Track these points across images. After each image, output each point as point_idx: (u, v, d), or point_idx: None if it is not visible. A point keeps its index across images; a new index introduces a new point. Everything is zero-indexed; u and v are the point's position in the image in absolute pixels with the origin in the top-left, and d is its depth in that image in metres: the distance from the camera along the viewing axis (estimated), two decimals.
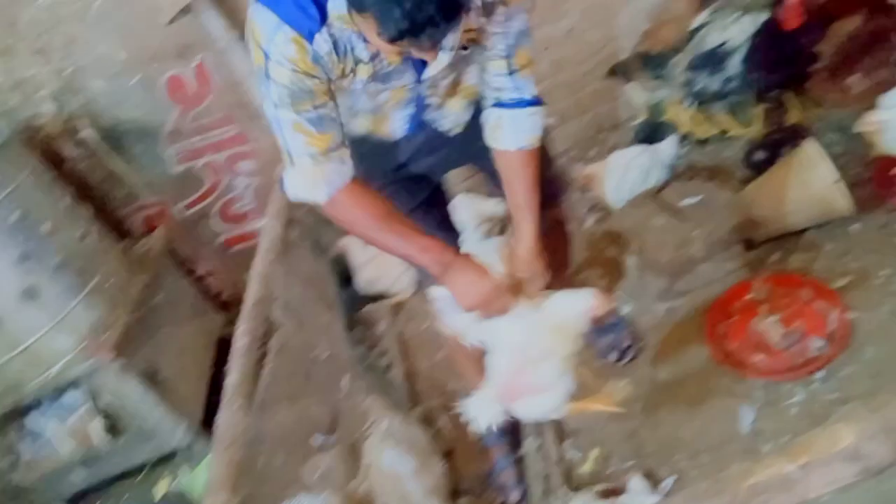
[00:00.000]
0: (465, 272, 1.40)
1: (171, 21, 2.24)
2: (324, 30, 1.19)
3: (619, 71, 2.67)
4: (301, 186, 1.35)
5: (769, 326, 1.93)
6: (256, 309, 1.94)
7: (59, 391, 2.30)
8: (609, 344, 2.06)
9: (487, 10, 1.27)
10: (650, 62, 2.56)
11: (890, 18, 2.09)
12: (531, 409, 1.54)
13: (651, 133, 2.66)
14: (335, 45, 1.21)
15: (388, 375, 2.47)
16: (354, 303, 2.77)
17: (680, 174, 2.41)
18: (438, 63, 1.25)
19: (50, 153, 2.56)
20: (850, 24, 2.15)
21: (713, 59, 2.30)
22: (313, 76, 1.22)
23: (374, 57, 1.25)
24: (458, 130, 1.54)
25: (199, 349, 2.69)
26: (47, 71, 2.40)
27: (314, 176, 1.32)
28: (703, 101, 2.39)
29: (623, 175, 2.43)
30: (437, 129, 1.52)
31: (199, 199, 2.80)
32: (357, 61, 1.26)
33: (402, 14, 1.01)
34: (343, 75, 1.26)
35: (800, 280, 1.98)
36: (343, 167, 1.34)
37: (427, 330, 2.51)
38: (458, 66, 1.39)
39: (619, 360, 2.05)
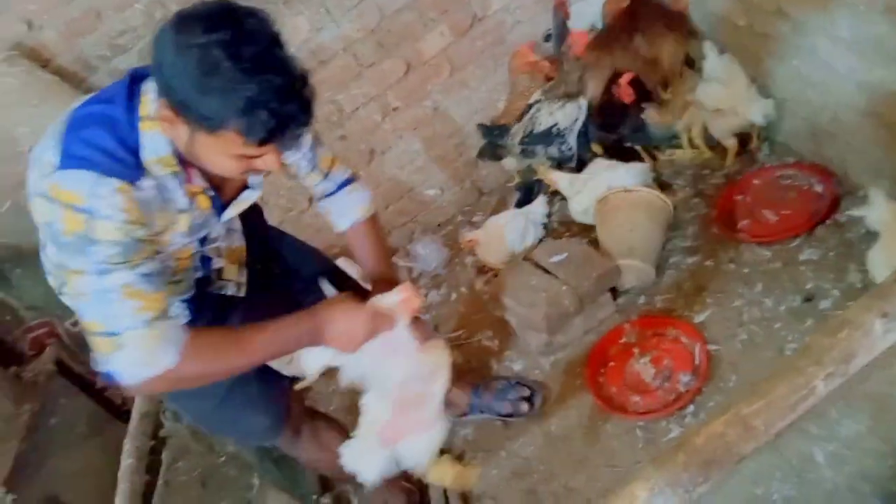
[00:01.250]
0: (335, 318, 1.39)
1: (31, 150, 2.24)
2: (147, 174, 1.18)
3: (485, 153, 2.85)
4: (140, 364, 1.18)
5: (642, 367, 2.05)
6: (143, 424, 1.93)
7: None
8: (512, 401, 2.12)
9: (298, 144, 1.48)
10: (489, 132, 2.74)
11: None
12: (414, 450, 1.56)
13: (528, 193, 2.82)
14: (159, 191, 1.20)
15: (299, 466, 2.47)
16: None
17: (553, 232, 2.55)
18: (240, 203, 1.36)
19: None
20: None
21: (549, 137, 2.53)
22: (144, 225, 1.18)
23: (191, 203, 1.28)
24: (243, 293, 1.59)
25: (103, 465, 2.59)
26: None
27: (153, 343, 1.17)
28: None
29: (501, 238, 2.55)
30: (224, 295, 1.55)
31: None
32: (179, 210, 1.26)
33: (269, 114, 1.08)
34: (166, 227, 1.25)
35: (665, 320, 2.11)
36: (177, 321, 1.25)
37: (333, 412, 2.52)
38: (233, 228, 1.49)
39: (531, 408, 2.11)
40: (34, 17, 2.28)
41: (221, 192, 1.35)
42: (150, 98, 1.18)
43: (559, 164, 2.57)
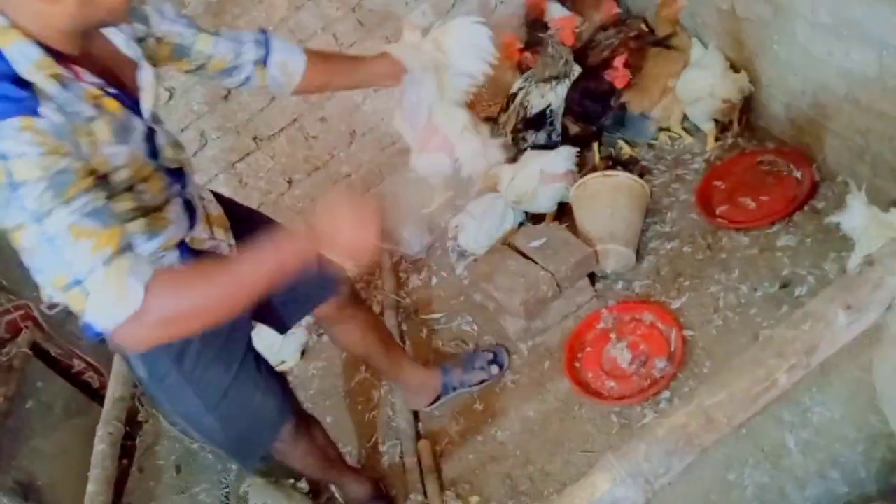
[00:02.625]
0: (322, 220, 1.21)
1: None
2: (40, 99, 1.07)
3: None
4: (110, 306, 1.06)
5: (619, 353, 2.05)
6: (115, 409, 1.92)
7: None
8: (481, 368, 2.19)
9: (140, 19, 1.37)
10: None
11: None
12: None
13: None
14: (62, 111, 1.09)
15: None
16: None
17: (531, 217, 2.53)
18: (148, 87, 1.30)
19: None
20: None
21: (541, 120, 2.50)
22: (66, 153, 1.06)
23: (98, 107, 1.18)
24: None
25: (80, 449, 2.58)
26: None
27: (117, 282, 1.06)
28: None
29: (480, 223, 2.54)
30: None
31: None
32: (89, 119, 1.15)
33: None
34: (89, 145, 1.14)
35: (641, 305, 2.11)
36: (142, 259, 1.14)
37: (312, 396, 2.52)
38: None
39: (501, 367, 2.19)
40: None
41: (125, 90, 1.28)
42: None
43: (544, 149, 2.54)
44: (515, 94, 2.54)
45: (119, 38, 1.31)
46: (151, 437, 2.04)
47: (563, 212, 2.48)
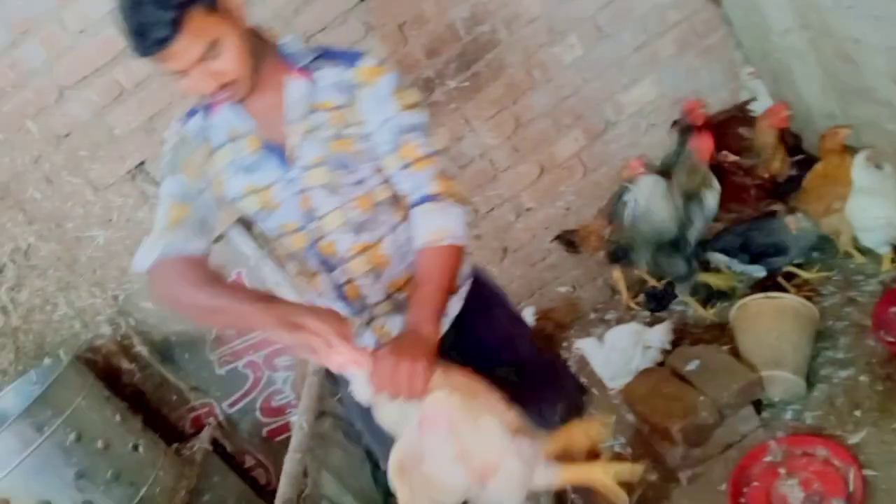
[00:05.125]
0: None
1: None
2: (202, 112, 1.43)
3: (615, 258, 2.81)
4: (138, 254, 1.37)
5: (789, 490, 1.91)
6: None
7: None
8: None
9: (344, 92, 1.38)
10: (616, 254, 2.72)
11: None
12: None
13: (659, 300, 2.79)
14: (205, 128, 1.42)
15: None
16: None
17: (683, 337, 2.48)
18: (293, 144, 1.37)
19: (108, 369, 2.83)
20: None
21: (676, 245, 2.48)
22: (185, 147, 1.41)
23: (232, 141, 1.42)
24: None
25: None
26: (103, 299, 2.72)
27: (151, 242, 1.35)
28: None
29: (610, 355, 2.51)
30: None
31: (243, 396, 3.00)
32: (218, 146, 1.43)
33: (124, 21, 1.22)
34: (207, 159, 1.42)
35: (814, 439, 1.97)
36: (187, 243, 1.34)
37: None
38: (338, 189, 1.40)
39: None
40: None
41: (283, 144, 1.40)
42: None
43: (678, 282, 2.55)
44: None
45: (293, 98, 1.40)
46: None
47: (723, 332, 2.41)
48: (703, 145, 2.43)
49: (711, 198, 2.41)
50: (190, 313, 1.35)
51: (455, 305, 1.56)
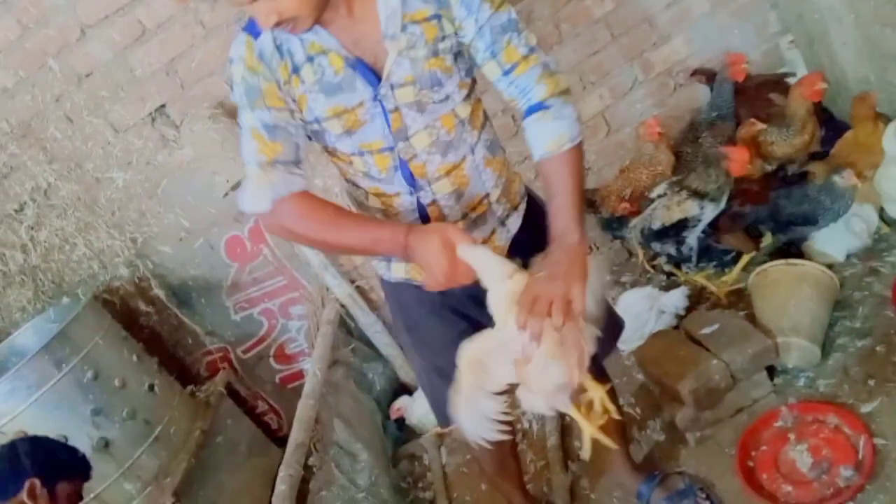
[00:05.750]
0: (424, 247, 1.30)
1: (226, 195, 2.56)
2: (268, 31, 1.30)
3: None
4: (247, 197, 1.35)
5: (798, 455, 1.91)
6: (296, 454, 2.08)
7: None
8: None
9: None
10: (609, 224, 2.67)
11: None
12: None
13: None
14: (278, 45, 1.32)
15: None
16: (400, 437, 2.88)
17: (700, 301, 2.46)
18: (390, 61, 1.30)
19: (125, 310, 2.87)
20: None
21: (664, 236, 2.43)
22: (259, 73, 1.32)
23: (313, 59, 1.33)
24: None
25: (258, 486, 2.81)
26: (122, 241, 2.74)
27: (259, 183, 1.33)
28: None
29: (624, 317, 2.49)
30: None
31: (257, 342, 3.03)
32: (299, 64, 1.33)
33: None
34: (288, 78, 1.33)
35: (826, 406, 1.96)
36: (291, 177, 1.35)
37: (470, 461, 2.57)
38: (426, 107, 1.36)
39: None
40: None
41: (372, 60, 1.34)
42: None
43: (678, 264, 2.50)
44: (653, 200, 2.47)
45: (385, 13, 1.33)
46: (322, 483, 2.18)
47: (740, 297, 2.39)
48: (738, 158, 2.29)
49: (712, 210, 2.34)
50: (316, 247, 1.52)
51: (514, 222, 1.59)
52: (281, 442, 3.10)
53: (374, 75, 1.34)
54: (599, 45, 2.68)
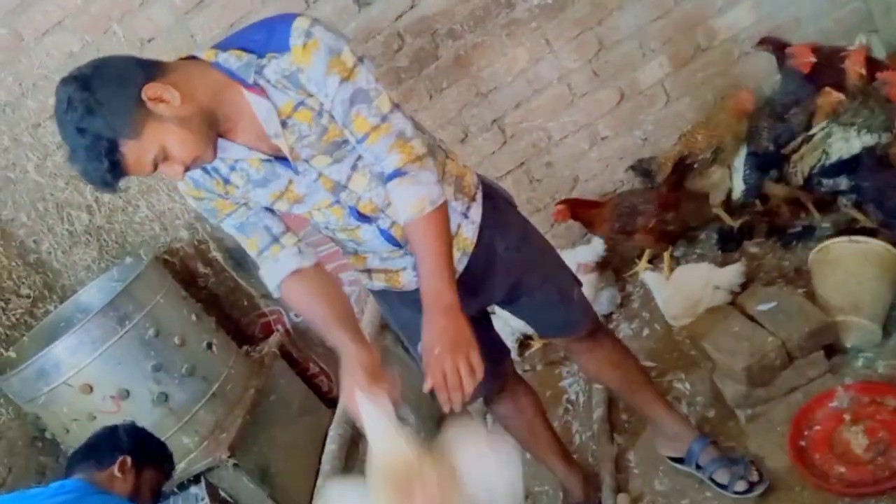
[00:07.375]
0: (343, 384, 1.47)
1: None
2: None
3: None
4: (266, 281, 1.52)
5: (853, 436, 1.87)
6: (346, 415, 2.13)
7: (184, 485, 2.58)
8: (737, 474, 1.91)
9: (292, 82, 1.33)
10: (762, 163, 2.48)
11: None
12: None
13: (725, 239, 2.71)
14: (204, 169, 1.41)
15: None
16: None
17: (757, 277, 2.40)
18: (287, 152, 1.37)
19: (185, 271, 2.97)
20: None
21: (845, 167, 2.27)
22: (204, 197, 1.45)
23: (234, 167, 1.41)
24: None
25: (308, 445, 2.90)
26: (182, 204, 2.81)
27: (263, 271, 1.51)
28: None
29: (676, 293, 2.47)
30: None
31: None
32: (225, 175, 1.42)
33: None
34: (224, 190, 1.44)
35: (885, 388, 1.91)
36: (277, 265, 1.48)
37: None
38: (344, 159, 1.42)
39: (747, 491, 1.89)
40: None
41: (277, 151, 1.39)
42: None
43: (858, 205, 2.31)
44: (811, 136, 2.32)
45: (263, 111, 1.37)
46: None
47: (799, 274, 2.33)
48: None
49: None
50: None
51: (476, 212, 1.64)
52: (331, 403, 3.19)
53: (288, 162, 1.41)
54: (662, 10, 2.60)
